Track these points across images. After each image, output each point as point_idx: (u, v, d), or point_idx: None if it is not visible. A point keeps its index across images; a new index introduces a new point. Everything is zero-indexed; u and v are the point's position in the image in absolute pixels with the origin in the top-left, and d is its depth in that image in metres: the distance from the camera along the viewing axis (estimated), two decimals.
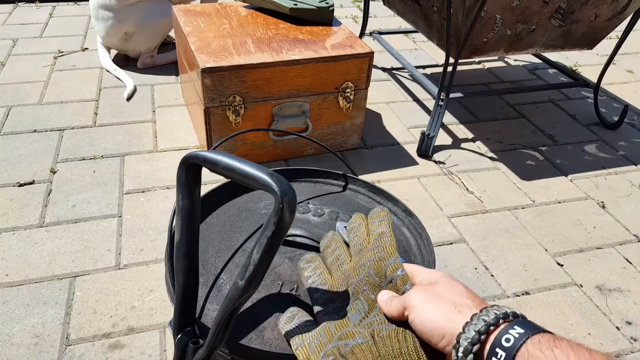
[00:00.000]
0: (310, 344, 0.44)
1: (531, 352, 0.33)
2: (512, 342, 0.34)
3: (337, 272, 0.51)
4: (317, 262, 0.53)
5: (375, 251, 0.48)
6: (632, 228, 1.28)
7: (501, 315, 0.36)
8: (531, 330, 0.35)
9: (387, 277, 0.46)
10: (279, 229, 0.40)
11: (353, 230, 0.53)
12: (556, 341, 0.34)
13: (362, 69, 1.34)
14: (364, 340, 0.41)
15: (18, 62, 1.83)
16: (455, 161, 1.47)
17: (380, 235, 0.49)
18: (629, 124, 1.72)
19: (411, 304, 0.41)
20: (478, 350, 0.35)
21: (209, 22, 1.42)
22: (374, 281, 0.46)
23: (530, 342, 0.34)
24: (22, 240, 1.11)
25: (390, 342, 0.41)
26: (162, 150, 1.42)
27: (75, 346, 0.90)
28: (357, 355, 0.40)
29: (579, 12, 1.39)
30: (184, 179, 0.48)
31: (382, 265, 0.46)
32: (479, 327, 0.36)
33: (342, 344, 0.42)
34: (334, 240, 0.54)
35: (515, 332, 0.35)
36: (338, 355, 0.41)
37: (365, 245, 0.50)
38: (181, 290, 0.49)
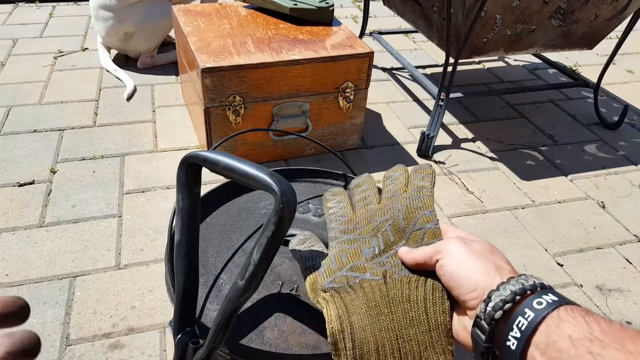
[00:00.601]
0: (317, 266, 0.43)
1: (562, 316, 0.33)
2: (543, 305, 0.34)
3: (361, 210, 0.49)
4: (342, 197, 0.51)
5: (411, 199, 0.46)
6: (632, 228, 1.28)
7: (539, 284, 0.36)
8: (565, 301, 0.34)
9: (415, 226, 0.44)
10: (279, 229, 0.40)
11: (391, 178, 0.51)
12: (588, 312, 0.33)
13: (362, 69, 1.34)
14: (375, 277, 0.41)
15: (18, 62, 1.83)
16: (455, 161, 1.47)
17: (421, 188, 0.47)
18: (629, 124, 1.72)
19: (448, 250, 0.40)
20: (509, 309, 0.35)
21: (209, 22, 1.42)
22: (400, 225, 0.44)
23: (562, 308, 0.33)
24: (22, 240, 1.11)
25: (401, 285, 0.40)
26: (162, 150, 1.42)
27: (75, 346, 0.90)
28: (365, 290, 0.40)
29: (579, 12, 1.39)
30: (184, 179, 0.48)
31: (416, 213, 0.45)
32: (516, 288, 0.35)
33: (351, 275, 0.41)
34: (366, 181, 0.52)
35: (549, 298, 0.34)
36: (346, 284, 0.41)
37: (401, 194, 0.48)
38: (181, 290, 0.49)
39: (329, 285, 0.41)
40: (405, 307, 0.39)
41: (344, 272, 0.42)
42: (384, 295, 0.40)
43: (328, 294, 0.41)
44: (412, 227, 0.44)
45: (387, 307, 0.39)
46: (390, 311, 0.39)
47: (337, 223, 0.48)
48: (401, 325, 0.39)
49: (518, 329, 0.34)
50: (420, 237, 0.44)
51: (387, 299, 0.40)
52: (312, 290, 0.42)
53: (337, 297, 0.40)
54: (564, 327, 0.32)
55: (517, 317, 0.34)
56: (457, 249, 0.40)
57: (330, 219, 0.49)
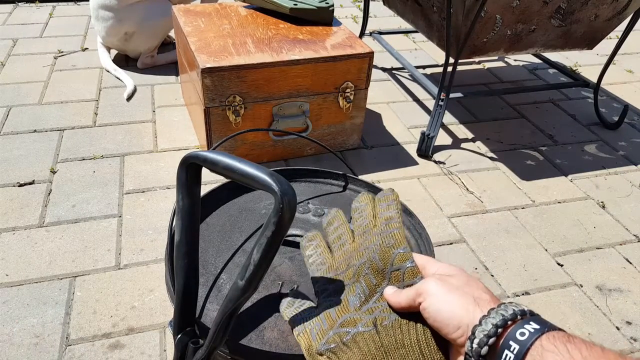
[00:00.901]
0: (311, 330, 0.43)
1: (545, 346, 0.33)
2: (526, 336, 0.34)
3: (338, 252, 0.50)
4: (318, 241, 0.52)
5: (382, 236, 0.47)
6: (632, 228, 1.28)
7: (519, 311, 0.37)
8: (546, 327, 0.35)
9: (393, 266, 0.44)
10: (279, 229, 0.40)
11: (358, 210, 0.52)
12: (570, 337, 0.34)
13: (362, 69, 1.34)
14: (367, 329, 0.41)
15: (18, 62, 1.83)
16: (455, 161, 1.47)
17: (388, 220, 0.48)
18: (629, 124, 1.72)
19: (428, 291, 0.40)
20: (494, 343, 0.35)
21: (209, 22, 1.42)
22: (378, 266, 0.45)
23: (545, 337, 0.34)
24: (22, 240, 1.11)
25: (393, 332, 0.40)
26: (162, 150, 1.42)
27: (75, 346, 0.90)
28: (359, 344, 0.40)
29: (579, 12, 1.39)
30: (184, 179, 0.48)
31: (390, 252, 0.45)
32: (496, 320, 0.36)
33: (343, 331, 0.41)
34: (336, 217, 0.53)
35: (530, 327, 0.35)
36: (340, 342, 0.41)
37: (371, 228, 0.49)
38: (181, 290, 0.49)
39: (324, 347, 0.41)
40: (402, 353, 0.39)
41: (335, 330, 0.42)
42: (378, 346, 0.40)
43: (325, 356, 0.41)
44: (390, 267, 0.45)
45: (384, 357, 0.39)
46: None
47: (319, 273, 0.48)
48: None
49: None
50: (400, 277, 0.44)
51: (382, 348, 0.40)
52: (310, 356, 0.42)
53: (334, 358, 0.41)
54: (547, 358, 0.33)
55: (503, 350, 0.35)
56: (435, 288, 0.40)
57: (311, 269, 0.49)
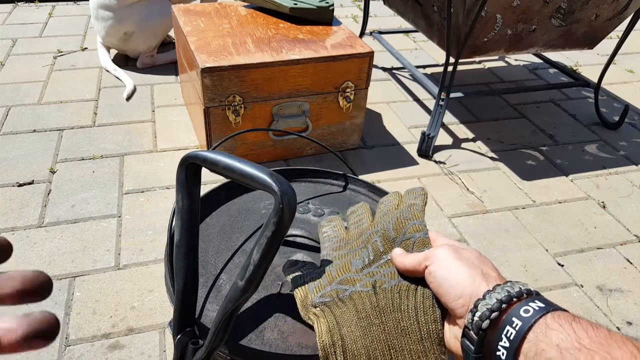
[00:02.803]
0: (309, 285, 0.43)
1: (550, 324, 0.33)
2: (530, 314, 0.34)
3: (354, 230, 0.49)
4: (336, 222, 0.52)
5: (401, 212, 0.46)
6: (633, 228, 1.28)
7: (525, 290, 0.36)
8: (552, 307, 0.34)
9: (405, 235, 0.44)
10: (279, 229, 0.40)
11: (384, 203, 0.52)
12: (575, 318, 0.33)
13: (362, 69, 1.33)
14: (365, 289, 0.41)
15: (17, 62, 1.83)
16: (455, 161, 1.47)
17: (412, 205, 0.48)
18: (630, 124, 1.72)
19: (437, 256, 0.40)
20: (496, 317, 0.35)
21: (208, 21, 1.41)
22: (389, 235, 0.44)
23: (550, 315, 0.33)
24: (21, 240, 1.11)
25: (391, 295, 0.40)
26: (162, 150, 1.42)
27: (75, 346, 0.90)
28: (355, 302, 0.40)
29: (580, 12, 1.39)
30: (183, 179, 0.48)
31: (405, 223, 0.45)
32: (501, 296, 0.35)
33: (341, 289, 0.41)
34: (360, 207, 0.53)
35: (535, 305, 0.34)
36: (336, 297, 0.41)
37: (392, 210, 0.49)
38: (181, 290, 0.49)
39: (318, 300, 0.41)
40: (397, 316, 0.39)
41: (333, 286, 0.41)
42: (374, 305, 0.39)
43: (318, 309, 0.41)
44: (401, 237, 0.44)
45: (378, 317, 0.39)
46: (381, 321, 0.39)
47: (329, 243, 0.48)
48: (393, 335, 0.39)
49: (507, 338, 0.34)
50: (409, 246, 0.44)
51: (378, 309, 0.39)
52: (303, 307, 0.42)
53: (327, 311, 0.40)
54: (551, 336, 0.32)
55: (505, 326, 0.34)
56: (446, 255, 0.40)
57: (323, 240, 0.49)
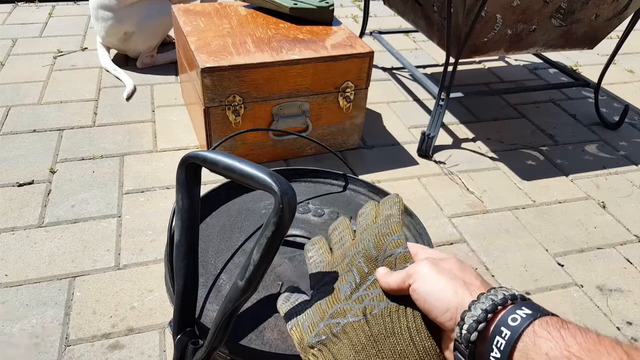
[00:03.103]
0: (303, 324, 0.43)
1: (538, 332, 0.32)
2: (518, 322, 0.33)
3: (338, 251, 0.50)
4: (320, 244, 0.52)
5: (379, 228, 0.47)
6: (633, 228, 1.27)
7: (509, 296, 0.35)
8: (539, 312, 0.34)
9: (386, 252, 0.44)
10: (279, 229, 0.40)
11: (363, 214, 0.52)
12: (564, 323, 0.33)
13: (362, 69, 1.33)
14: (356, 318, 0.41)
15: (17, 62, 1.83)
16: (455, 161, 1.47)
17: (388, 217, 0.48)
18: (630, 124, 1.72)
19: (418, 272, 0.39)
20: (483, 329, 0.34)
21: (208, 21, 1.41)
22: (371, 254, 0.45)
23: (537, 322, 0.33)
24: (21, 240, 1.11)
25: (383, 320, 0.40)
26: (162, 150, 1.42)
27: (75, 346, 0.90)
28: (349, 335, 0.40)
29: (580, 12, 1.39)
30: (183, 179, 0.48)
31: (384, 240, 0.45)
32: (486, 305, 0.35)
33: (333, 323, 0.41)
34: (341, 223, 0.54)
35: (522, 312, 0.34)
36: (330, 334, 0.41)
37: (371, 225, 0.49)
38: (181, 290, 0.49)
39: (314, 340, 0.41)
40: (392, 341, 0.39)
41: (326, 322, 0.41)
42: (367, 335, 0.39)
43: (316, 349, 0.41)
44: (383, 255, 0.44)
45: (374, 346, 0.39)
46: (378, 350, 0.39)
47: (316, 270, 0.48)
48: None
49: (497, 349, 0.33)
50: (392, 262, 0.44)
51: (372, 337, 0.39)
52: (302, 350, 0.42)
53: (325, 350, 0.40)
54: (540, 344, 0.32)
55: (495, 336, 0.34)
56: (426, 270, 0.39)
57: (310, 267, 0.49)
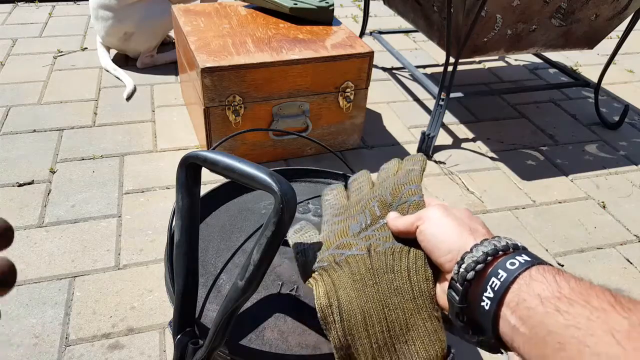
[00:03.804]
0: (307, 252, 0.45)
1: (534, 275, 0.33)
2: (516, 266, 0.34)
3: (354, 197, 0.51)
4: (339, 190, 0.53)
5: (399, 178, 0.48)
6: (633, 228, 1.27)
7: (512, 245, 0.37)
8: (538, 261, 0.35)
9: (401, 199, 0.45)
10: (279, 229, 0.40)
11: (384, 168, 0.53)
12: (559, 271, 0.34)
13: (362, 69, 1.33)
14: (360, 252, 0.42)
15: (17, 62, 1.83)
16: (455, 161, 1.47)
17: (410, 171, 0.49)
18: (630, 124, 1.72)
19: (428, 215, 0.41)
20: (481, 269, 0.35)
21: (208, 21, 1.41)
22: (386, 199, 0.46)
23: (534, 268, 0.34)
24: (21, 240, 1.11)
25: (385, 257, 0.41)
26: (162, 150, 1.42)
27: (75, 346, 0.90)
28: (350, 265, 0.42)
29: (580, 12, 1.39)
30: (183, 179, 0.48)
31: (402, 188, 0.46)
32: (487, 249, 0.36)
33: (337, 253, 0.43)
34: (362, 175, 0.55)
35: (521, 258, 0.35)
36: (332, 262, 0.42)
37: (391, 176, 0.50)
38: (181, 290, 0.49)
39: (317, 265, 0.43)
40: (390, 277, 0.41)
41: (331, 251, 0.43)
42: (368, 268, 0.41)
43: (317, 273, 0.42)
44: (398, 201, 0.46)
45: (372, 278, 0.41)
46: (375, 282, 0.40)
47: (330, 210, 0.50)
48: (386, 295, 0.40)
49: (491, 289, 0.34)
50: (405, 209, 0.45)
51: (372, 271, 0.41)
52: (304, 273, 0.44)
53: (325, 275, 0.42)
54: (534, 286, 0.33)
55: (490, 277, 0.35)
56: (436, 214, 0.41)
57: (325, 207, 0.51)
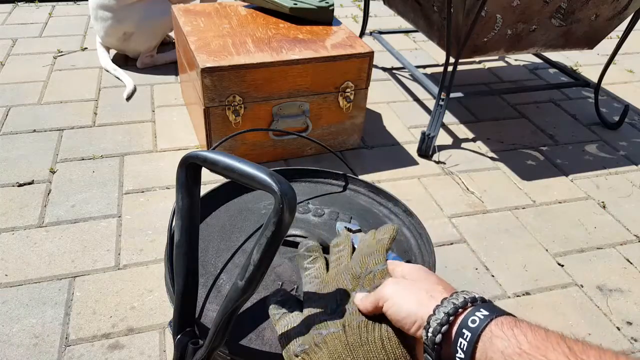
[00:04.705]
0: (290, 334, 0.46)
1: (494, 332, 0.36)
2: (477, 323, 0.36)
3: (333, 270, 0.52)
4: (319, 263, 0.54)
5: (368, 248, 0.51)
6: (633, 228, 1.27)
7: (469, 299, 0.39)
8: (495, 313, 0.37)
9: (367, 269, 0.48)
10: (279, 229, 0.40)
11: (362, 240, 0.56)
12: (517, 322, 0.36)
13: (362, 69, 1.33)
14: (336, 329, 0.44)
15: (17, 62, 1.83)
16: (455, 161, 1.47)
17: (379, 240, 0.52)
18: (630, 124, 1.72)
19: (385, 295, 0.42)
20: (447, 330, 0.37)
21: (208, 21, 1.41)
22: (356, 272, 0.48)
23: (493, 323, 0.36)
24: (21, 240, 1.11)
25: (359, 331, 0.43)
26: (162, 150, 1.42)
27: (75, 346, 0.90)
28: (328, 344, 0.43)
29: (580, 12, 1.39)
30: (183, 179, 0.48)
31: (367, 259, 0.49)
32: (448, 309, 0.38)
33: (316, 333, 0.44)
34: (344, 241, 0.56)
35: (480, 314, 0.37)
36: (312, 344, 0.44)
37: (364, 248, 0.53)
38: (181, 290, 0.49)
39: (299, 349, 0.44)
40: (365, 349, 0.42)
41: (311, 332, 0.45)
42: (344, 344, 0.43)
43: (299, 357, 0.44)
44: (365, 272, 0.48)
45: (350, 354, 0.42)
46: (353, 357, 0.42)
47: (310, 285, 0.51)
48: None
49: (461, 350, 0.37)
50: (371, 279, 0.47)
51: (348, 346, 0.42)
52: (287, 356, 0.45)
53: (307, 358, 0.44)
54: (496, 343, 0.35)
55: (458, 338, 0.37)
56: (391, 291, 0.43)
57: (305, 280, 0.52)
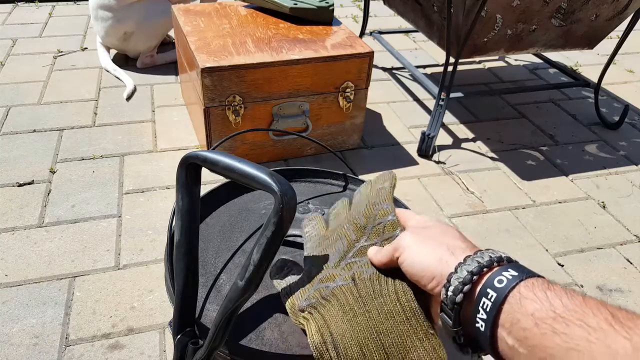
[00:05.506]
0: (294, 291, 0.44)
1: (523, 293, 0.32)
2: (504, 283, 0.33)
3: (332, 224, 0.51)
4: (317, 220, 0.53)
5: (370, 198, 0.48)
6: (633, 228, 1.27)
7: (495, 258, 0.36)
8: (525, 274, 0.34)
9: (375, 220, 0.45)
10: (279, 229, 0.40)
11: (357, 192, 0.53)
12: (550, 285, 0.33)
13: (362, 69, 1.33)
14: (345, 282, 0.42)
15: (17, 62, 1.83)
16: (455, 161, 1.47)
17: (380, 189, 0.49)
18: (630, 124, 1.72)
19: (403, 245, 0.40)
20: (469, 290, 0.34)
21: (208, 21, 1.41)
22: (360, 223, 0.46)
23: (523, 284, 0.33)
24: (21, 240, 1.11)
25: (371, 283, 0.41)
26: (162, 150, 1.42)
27: (75, 346, 0.90)
28: (337, 297, 0.41)
29: (580, 12, 1.39)
30: (183, 179, 0.48)
31: (374, 209, 0.46)
32: (472, 267, 0.35)
33: (323, 287, 0.42)
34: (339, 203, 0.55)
35: (508, 274, 0.34)
36: (319, 297, 0.42)
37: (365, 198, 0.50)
38: (181, 290, 0.49)
39: (304, 304, 0.42)
40: (379, 302, 0.40)
41: (315, 286, 0.42)
42: (356, 297, 0.40)
43: (306, 312, 0.42)
44: (372, 223, 0.45)
45: (362, 307, 0.40)
46: (366, 310, 0.39)
47: (310, 242, 0.50)
48: (379, 321, 0.39)
49: (483, 310, 0.33)
50: (380, 230, 0.44)
51: (360, 299, 0.40)
52: (293, 314, 0.43)
53: (314, 312, 0.41)
54: (526, 305, 0.32)
55: (481, 298, 0.34)
56: (409, 241, 0.40)
57: (305, 240, 0.51)
